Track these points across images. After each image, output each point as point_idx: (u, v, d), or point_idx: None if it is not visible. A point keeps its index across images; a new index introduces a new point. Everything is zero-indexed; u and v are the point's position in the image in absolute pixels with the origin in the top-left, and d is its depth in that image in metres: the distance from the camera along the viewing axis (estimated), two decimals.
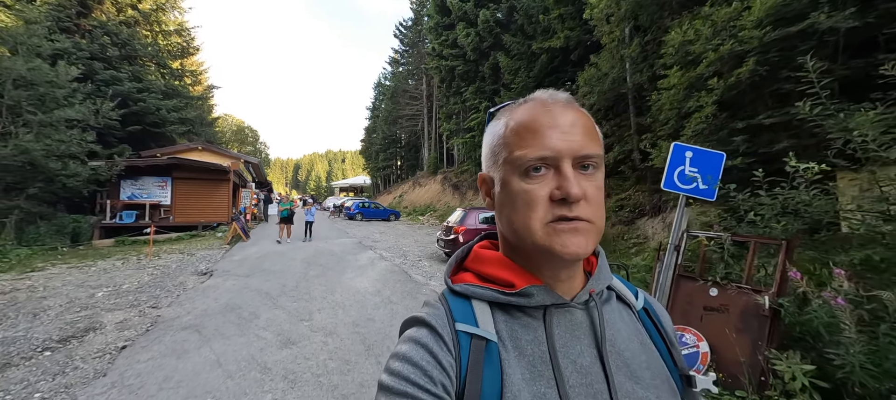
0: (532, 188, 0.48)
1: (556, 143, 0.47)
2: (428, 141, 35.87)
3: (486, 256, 0.57)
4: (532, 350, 0.49)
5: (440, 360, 0.47)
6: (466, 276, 0.57)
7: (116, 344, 4.00)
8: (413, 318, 0.53)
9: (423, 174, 35.15)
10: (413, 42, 37.45)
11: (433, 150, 34.17)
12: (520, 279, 0.51)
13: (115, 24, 18.05)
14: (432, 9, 24.07)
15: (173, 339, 4.11)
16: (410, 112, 38.68)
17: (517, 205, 0.49)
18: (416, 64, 36.56)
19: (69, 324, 4.59)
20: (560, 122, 0.48)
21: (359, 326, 4.51)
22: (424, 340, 0.48)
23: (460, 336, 0.49)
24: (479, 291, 0.53)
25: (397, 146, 44.75)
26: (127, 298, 5.72)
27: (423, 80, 35.50)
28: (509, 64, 17.12)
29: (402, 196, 35.48)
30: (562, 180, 0.46)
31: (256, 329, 4.40)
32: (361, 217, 23.44)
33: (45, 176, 11.81)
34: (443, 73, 23.67)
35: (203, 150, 18.96)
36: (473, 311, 0.52)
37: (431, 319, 0.50)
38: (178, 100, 20.82)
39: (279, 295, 5.90)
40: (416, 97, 37.48)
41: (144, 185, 14.84)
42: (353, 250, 10.74)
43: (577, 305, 0.53)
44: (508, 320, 0.51)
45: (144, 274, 7.42)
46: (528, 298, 0.50)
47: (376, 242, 12.83)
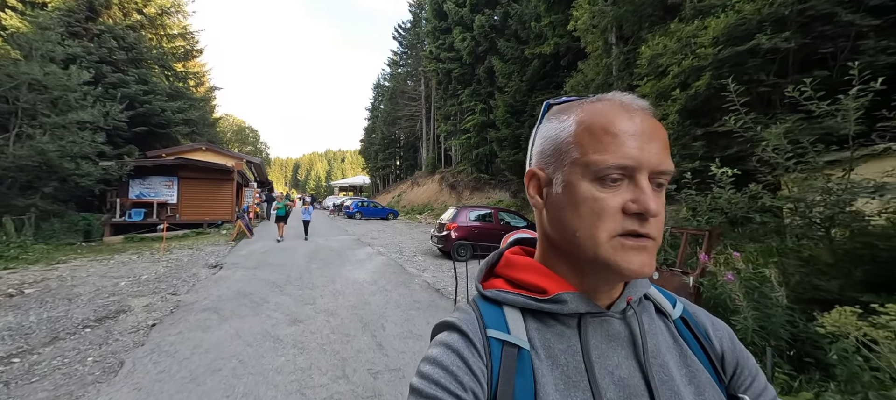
0: (604, 197, 0.45)
1: (638, 153, 0.44)
2: (426, 141, 36.49)
3: (518, 262, 0.56)
4: (566, 360, 0.47)
5: (471, 365, 0.46)
6: (497, 281, 0.56)
7: (147, 322, 4.63)
8: (444, 322, 0.52)
9: (421, 174, 35.80)
10: (411, 44, 38.06)
11: (431, 151, 34.78)
12: (553, 285, 0.50)
13: (122, 29, 18.65)
14: (430, 13, 24.70)
15: (196, 318, 4.74)
16: (409, 113, 39.32)
17: (582, 212, 0.46)
18: (415, 66, 37.17)
19: (101, 307, 5.22)
20: (643, 130, 0.45)
21: (357, 309, 5.14)
22: (455, 344, 0.47)
23: (491, 342, 0.48)
24: (511, 296, 0.51)
25: (396, 146, 45.40)
26: (148, 287, 6.35)
27: (422, 82, 36.12)
28: (503, 68, 17.76)
29: (400, 195, 36.11)
30: (639, 193, 0.44)
31: (267, 311, 5.03)
32: (360, 216, 24.07)
33: (60, 175, 12.43)
34: (440, 76, 24.31)
35: (207, 151, 19.58)
36: (505, 317, 0.50)
37: (463, 323, 0.50)
38: (182, 101, 21.43)
39: (285, 284, 6.53)
40: (415, 98, 38.10)
41: (152, 184, 15.46)
42: (351, 246, 11.38)
43: (613, 314, 0.51)
44: (541, 328, 0.50)
45: (159, 266, 8.05)
46: (561, 305, 0.49)
47: (374, 239, 13.46)
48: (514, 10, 17.79)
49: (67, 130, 12.58)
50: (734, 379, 0.54)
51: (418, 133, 38.94)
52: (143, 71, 19.11)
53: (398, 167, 46.19)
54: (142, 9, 19.97)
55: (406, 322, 4.64)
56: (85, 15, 17.79)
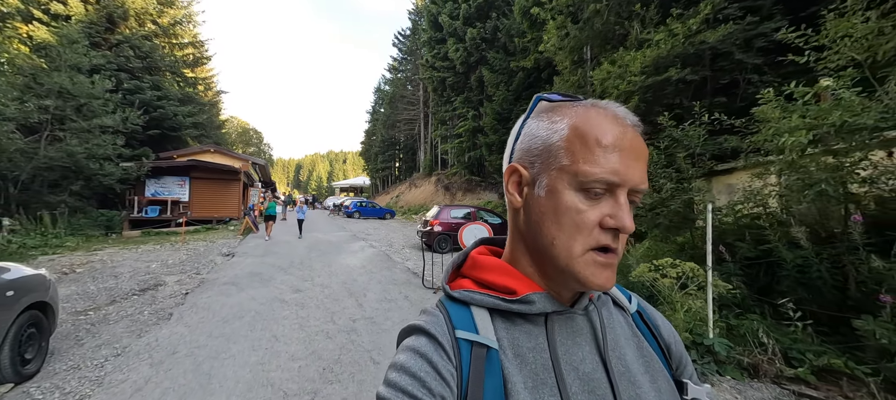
0: (586, 210, 0.46)
1: (626, 170, 0.45)
2: (424, 144, 37.82)
3: (485, 263, 0.56)
4: (534, 358, 0.48)
5: (440, 369, 0.46)
6: (465, 282, 0.56)
7: (181, 291, 5.93)
8: (411, 326, 0.51)
9: (418, 176, 37.12)
10: (411, 50, 39.45)
11: (428, 154, 36.10)
12: (521, 286, 0.51)
13: (138, 38, 20.05)
14: (427, 23, 26.06)
15: (219, 289, 6.04)
16: (408, 116, 40.68)
17: (563, 222, 0.47)
18: (414, 72, 38.54)
19: (142, 282, 6.53)
20: (632, 147, 0.46)
21: (346, 284, 6.44)
22: (423, 349, 0.47)
23: (461, 344, 0.48)
24: (479, 297, 0.52)
25: (396, 149, 46.76)
26: (175, 268, 7.66)
27: (420, 87, 37.47)
28: (492, 78, 19.08)
29: (399, 196, 37.44)
30: (617, 210, 0.45)
31: (275, 284, 6.33)
32: (359, 215, 25.38)
33: (85, 175, 13.78)
34: (435, 83, 25.65)
35: (215, 153, 20.94)
36: (473, 317, 0.51)
37: (430, 326, 0.49)
38: (192, 106, 22.83)
39: (288, 267, 7.84)
40: (414, 103, 39.47)
41: (166, 183, 16.81)
42: (347, 241, 12.69)
43: (577, 311, 0.52)
44: (509, 327, 0.50)
45: (181, 254, 9.37)
46: (529, 305, 0.49)
47: (369, 235, 14.76)
48: (502, 25, 19.12)
49: (92, 134, 13.94)
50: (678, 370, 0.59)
51: (417, 136, 40.28)
52: (156, 78, 20.51)
53: (398, 169, 47.56)
54: (156, 19, 21.38)
55: (383, 292, 5.93)
56: (104, 26, 19.20)
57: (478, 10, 21.44)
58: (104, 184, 14.35)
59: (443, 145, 28.04)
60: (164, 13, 21.76)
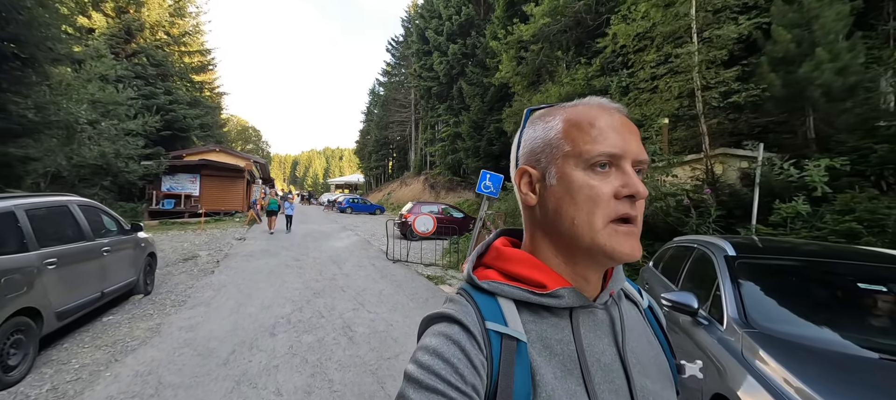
0: (598, 184, 0.48)
1: (622, 142, 0.49)
2: (414, 145, 40.20)
3: (511, 254, 0.56)
4: (561, 349, 0.50)
5: (472, 359, 0.46)
6: (490, 272, 0.56)
7: (214, 260, 8.34)
8: (440, 313, 0.52)
9: (409, 174, 39.51)
10: (403, 56, 41.72)
11: (418, 154, 38.49)
12: (550, 280, 0.52)
13: (152, 48, 22.27)
14: (415, 37, 28.43)
15: (240, 259, 8.46)
16: (400, 118, 43.01)
17: (579, 199, 0.49)
18: (406, 76, 40.85)
19: (183, 254, 8.92)
20: (622, 124, 0.50)
21: (332, 257, 8.88)
22: (456, 336, 0.48)
23: (491, 335, 0.48)
24: (508, 288, 0.52)
25: (389, 148, 49.07)
26: (203, 247, 10.05)
27: (412, 92, 39.81)
28: (470, 90, 21.50)
29: (390, 194, 39.81)
30: (627, 179, 0.48)
31: (281, 257, 8.75)
32: (351, 210, 27.76)
33: (113, 172, 16.05)
34: (422, 91, 28.08)
35: (220, 152, 23.22)
36: (501, 309, 0.51)
37: (462, 316, 0.50)
38: (199, 109, 25.07)
39: (290, 247, 10.26)
40: (405, 106, 41.80)
41: (179, 180, 19.12)
42: (337, 231, 15.12)
43: (598, 305, 0.55)
44: (537, 320, 0.52)
45: (202, 238, 11.76)
46: (558, 299, 0.51)
47: (357, 227, 17.18)
48: (480, 43, 21.54)
49: (118, 136, 16.22)
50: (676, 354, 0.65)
51: (408, 137, 42.64)
52: (169, 84, 22.75)
53: (391, 167, 49.89)
54: (169, 31, 23.61)
55: (357, 262, 8.38)
56: (123, 38, 21.41)
57: (460, 27, 23.83)
58: (129, 180, 16.65)
59: (428, 148, 30.46)
60: (175, 25, 23.97)
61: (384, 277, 7.08)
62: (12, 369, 3.04)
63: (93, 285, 4.22)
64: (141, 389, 2.94)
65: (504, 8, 17.27)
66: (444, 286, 6.58)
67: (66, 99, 9.52)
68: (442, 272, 7.69)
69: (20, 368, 3.11)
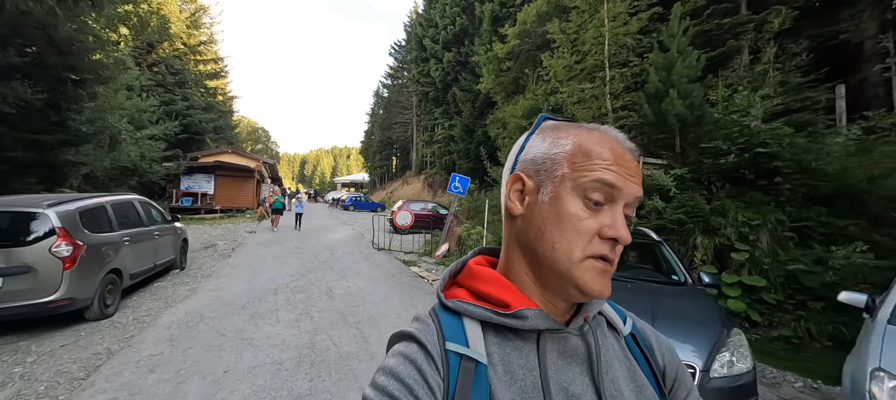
0: (587, 218, 0.48)
1: (623, 182, 0.48)
2: (415, 146, 41.86)
3: (480, 273, 0.56)
4: (524, 375, 0.48)
5: (427, 379, 0.46)
6: (460, 291, 0.56)
7: (230, 247, 10.08)
8: (402, 332, 0.52)
9: (410, 174, 41.20)
10: (405, 60, 43.37)
11: (418, 155, 40.15)
12: (515, 300, 0.51)
13: (171, 58, 24.23)
14: (414, 43, 30.04)
15: (250, 248, 10.18)
16: (402, 120, 44.71)
17: (565, 227, 0.48)
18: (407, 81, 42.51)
19: (203, 243, 10.68)
20: (630, 164, 0.50)
21: (327, 246, 10.57)
22: (413, 356, 0.48)
23: (450, 356, 0.48)
24: (472, 308, 0.52)
25: (392, 148, 50.83)
26: (219, 237, 11.82)
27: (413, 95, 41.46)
28: (462, 96, 23.05)
29: (393, 192, 41.55)
30: (615, 220, 0.48)
31: (285, 246, 10.45)
32: (353, 208, 29.55)
33: (139, 173, 17.98)
34: (420, 96, 29.69)
35: (232, 154, 25.12)
36: (465, 329, 0.51)
37: (421, 335, 0.50)
38: (213, 113, 27.04)
39: (293, 238, 11.98)
40: (407, 108, 43.47)
41: (196, 179, 21.03)
42: (337, 226, 16.84)
43: (571, 331, 0.52)
44: (501, 342, 0.51)
45: (218, 231, 13.55)
46: (522, 321, 0.50)
47: (356, 222, 18.89)
48: (472, 52, 23.06)
49: (143, 141, 18.14)
50: (673, 391, 0.58)
51: (409, 138, 44.33)
52: (186, 91, 24.71)
53: (395, 166, 51.66)
54: (186, 41, 25.58)
55: (348, 249, 10.05)
56: (145, 49, 23.40)
57: (454, 36, 25.37)
58: (152, 180, 18.57)
59: (426, 149, 32.09)
60: (192, 35, 25.93)
61: (367, 260, 8.73)
62: (108, 307, 4.73)
63: (149, 258, 5.93)
64: (190, 319, 4.60)
65: (490, 22, 18.82)
66: (415, 268, 8.20)
67: (109, 113, 11.28)
68: (416, 258, 9.31)
69: (112, 306, 4.80)
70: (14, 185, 8.17)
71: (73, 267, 4.17)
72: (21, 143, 8.32)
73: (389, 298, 5.70)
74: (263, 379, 3.16)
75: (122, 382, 3.09)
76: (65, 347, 3.76)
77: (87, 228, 4.54)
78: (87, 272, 4.36)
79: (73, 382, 3.12)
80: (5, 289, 3.84)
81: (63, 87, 9.20)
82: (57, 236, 4.13)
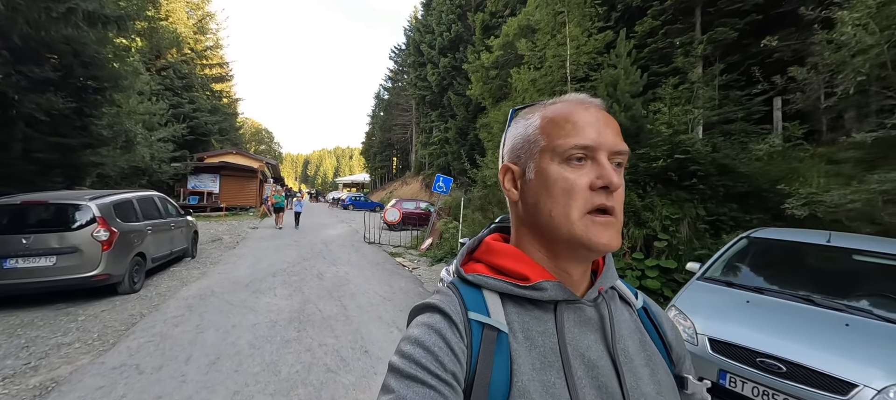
0: (572, 176, 0.50)
1: (596, 135, 0.50)
2: (414, 147, 42.85)
3: (498, 249, 0.59)
4: (543, 342, 0.51)
5: (452, 346, 0.48)
6: (478, 266, 0.59)
7: (235, 241, 11.08)
8: (425, 304, 0.55)
9: (409, 174, 42.17)
10: (404, 64, 44.40)
11: (417, 156, 41.14)
12: (534, 273, 0.53)
13: (179, 63, 25.34)
14: (412, 49, 31.05)
15: (253, 241, 11.18)
16: (402, 122, 45.72)
17: (555, 192, 0.51)
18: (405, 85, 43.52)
19: (210, 237, 11.68)
20: (598, 118, 0.51)
21: (323, 240, 11.56)
22: (437, 325, 0.50)
23: (472, 325, 0.50)
24: (492, 281, 0.54)
25: (393, 149, 51.85)
26: (225, 232, 12.84)
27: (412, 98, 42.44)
28: (456, 100, 24.01)
29: (392, 192, 42.50)
30: (601, 170, 0.49)
31: (283, 240, 11.44)
32: (353, 207, 30.56)
33: (149, 172, 19.05)
34: (418, 99, 30.68)
35: (236, 154, 26.20)
36: (485, 300, 0.53)
37: (444, 305, 0.52)
38: (218, 115, 28.14)
39: (293, 234, 12.99)
40: (407, 110, 44.47)
41: (202, 179, 22.10)
42: (334, 223, 17.84)
43: (586, 302, 0.55)
44: (520, 312, 0.53)
45: (223, 226, 14.58)
46: (541, 292, 0.52)
47: (353, 220, 19.88)
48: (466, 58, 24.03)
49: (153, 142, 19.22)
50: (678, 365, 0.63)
51: (409, 140, 45.33)
52: (193, 94, 25.83)
53: (394, 167, 52.66)
54: (193, 46, 26.70)
55: (341, 243, 11.03)
56: (154, 54, 24.53)
57: (450, 43, 26.34)
58: (161, 179, 19.64)
59: (423, 150, 33.09)
60: (199, 41, 27.05)
61: (356, 252, 9.71)
62: (136, 283, 5.71)
63: (167, 246, 6.92)
64: (203, 293, 5.58)
65: (481, 32, 19.80)
66: (399, 258, 9.15)
67: (126, 118, 12.33)
68: (403, 251, 10.27)
69: (139, 283, 5.79)
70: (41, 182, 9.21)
71: (110, 249, 5.17)
72: (49, 146, 9.36)
73: (371, 280, 6.66)
74: (262, 331, 4.13)
75: (155, 333, 4.07)
76: (105, 312, 4.75)
77: (119, 217, 5.53)
78: (119, 254, 5.35)
79: (118, 332, 4.10)
80: (58, 265, 4.84)
81: (85, 95, 10.22)
82: (97, 223, 5.13)
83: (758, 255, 3.34)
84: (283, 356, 3.52)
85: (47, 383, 3.00)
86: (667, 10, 8.68)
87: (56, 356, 3.48)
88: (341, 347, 3.76)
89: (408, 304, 5.34)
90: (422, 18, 31.21)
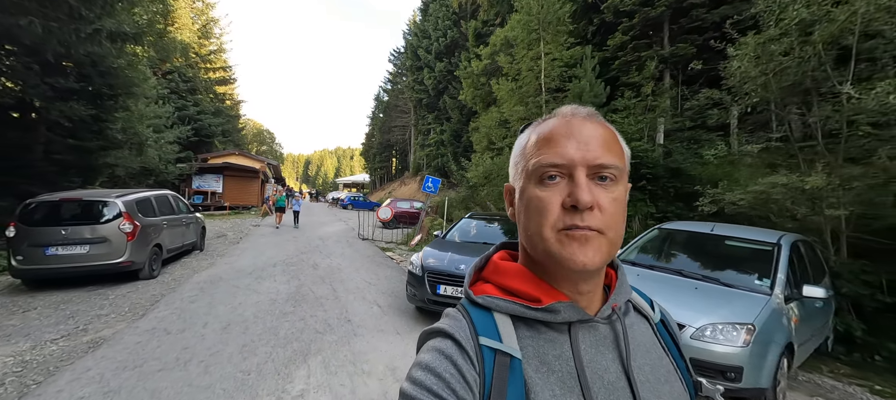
0: (545, 195, 0.49)
1: (571, 151, 0.48)
2: (413, 148, 43.70)
3: (507, 269, 0.57)
4: (560, 366, 0.49)
5: (464, 373, 0.47)
6: (487, 287, 0.57)
7: (238, 237, 11.93)
8: (434, 329, 0.53)
9: (408, 175, 43.03)
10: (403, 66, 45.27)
11: (415, 157, 41.98)
12: (546, 295, 0.52)
13: (184, 67, 26.23)
14: (410, 53, 31.92)
15: (255, 238, 12.02)
16: (401, 123, 46.58)
17: (530, 211, 0.50)
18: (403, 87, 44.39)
19: (215, 234, 12.52)
20: (577, 132, 0.49)
21: (320, 237, 12.40)
22: (448, 351, 0.48)
23: (484, 351, 0.49)
24: (503, 304, 0.53)
25: (391, 150, 52.72)
26: (229, 229, 13.69)
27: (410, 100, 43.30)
28: (451, 103, 24.84)
29: (391, 192, 43.37)
30: (573, 188, 0.47)
31: (284, 237, 12.28)
32: (351, 207, 31.38)
33: (156, 173, 19.91)
34: (415, 102, 31.54)
35: (238, 155, 27.07)
36: (496, 324, 0.51)
37: (455, 331, 0.50)
38: (221, 117, 29.03)
39: (292, 231, 13.83)
40: (405, 112, 45.33)
41: (206, 179, 22.97)
42: (332, 222, 18.69)
43: (600, 320, 0.53)
44: (534, 336, 0.51)
45: (227, 224, 15.43)
46: (554, 314, 0.50)
47: (350, 219, 20.70)
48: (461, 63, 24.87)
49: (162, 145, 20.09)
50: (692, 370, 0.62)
51: (407, 141, 46.19)
52: (197, 97, 26.71)
53: (394, 167, 53.53)
54: (198, 51, 27.59)
55: (337, 239, 11.86)
56: (160, 59, 25.41)
57: (446, 48, 27.20)
58: (167, 179, 20.52)
59: (420, 152, 33.94)
60: (202, 46, 27.95)
61: (350, 246, 10.54)
62: (154, 271, 6.55)
63: (180, 239, 7.76)
64: (213, 279, 6.42)
65: (474, 39, 20.65)
66: (389, 253, 9.96)
67: (138, 122, 13.20)
68: (394, 246, 11.09)
69: (156, 270, 6.63)
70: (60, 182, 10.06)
71: (133, 239, 6.00)
72: (68, 148, 10.22)
73: (360, 270, 7.48)
74: (264, 306, 4.96)
75: (175, 307, 4.90)
76: (130, 292, 5.58)
77: (140, 212, 6.37)
78: (141, 244, 6.19)
79: (145, 307, 4.93)
80: (90, 253, 5.67)
81: (100, 101, 11.08)
82: (123, 218, 5.96)
83: (663, 241, 4.16)
84: (281, 323, 4.35)
85: (97, 340, 3.82)
86: (635, 26, 9.51)
87: (98, 323, 4.31)
88: (329, 318, 4.59)
89: (390, 288, 6.17)
90: (419, 23, 32.08)
